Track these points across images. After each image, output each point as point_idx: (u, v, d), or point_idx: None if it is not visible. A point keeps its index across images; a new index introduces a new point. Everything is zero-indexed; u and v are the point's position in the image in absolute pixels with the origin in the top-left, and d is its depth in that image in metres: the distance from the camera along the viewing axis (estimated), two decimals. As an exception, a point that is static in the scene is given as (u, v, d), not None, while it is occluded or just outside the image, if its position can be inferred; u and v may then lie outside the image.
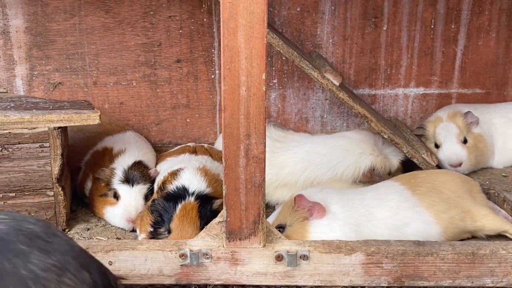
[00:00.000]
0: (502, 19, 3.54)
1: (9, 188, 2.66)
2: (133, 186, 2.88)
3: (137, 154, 3.11)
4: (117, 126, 3.38)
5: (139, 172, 2.94)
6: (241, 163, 2.13)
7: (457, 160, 3.17)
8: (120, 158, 3.04)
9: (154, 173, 3.00)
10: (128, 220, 2.82)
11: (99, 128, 3.22)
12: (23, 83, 3.49)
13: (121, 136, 3.24)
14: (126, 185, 2.88)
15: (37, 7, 3.38)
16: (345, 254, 2.25)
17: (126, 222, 2.82)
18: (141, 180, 2.92)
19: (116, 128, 3.35)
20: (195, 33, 3.48)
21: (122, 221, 2.83)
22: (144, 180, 2.93)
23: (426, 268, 2.27)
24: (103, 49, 3.47)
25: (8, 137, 2.62)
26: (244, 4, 1.97)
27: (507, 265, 2.27)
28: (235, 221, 2.21)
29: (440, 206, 2.55)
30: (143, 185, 2.91)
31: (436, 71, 3.62)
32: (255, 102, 2.07)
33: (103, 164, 3.00)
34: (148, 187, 2.93)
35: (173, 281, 2.29)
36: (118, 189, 2.88)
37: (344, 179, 3.00)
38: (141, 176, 2.93)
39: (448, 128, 3.24)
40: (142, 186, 2.90)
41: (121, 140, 3.19)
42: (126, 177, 2.90)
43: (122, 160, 3.00)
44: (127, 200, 2.86)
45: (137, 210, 2.83)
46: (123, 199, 2.86)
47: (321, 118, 3.67)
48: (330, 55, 3.55)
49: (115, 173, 2.91)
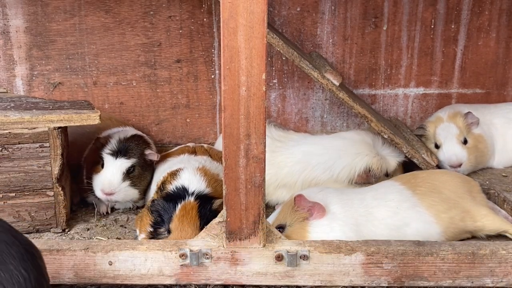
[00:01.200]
0: (502, 19, 3.54)
1: (9, 188, 2.66)
2: (117, 158, 2.88)
3: (137, 132, 3.12)
4: (116, 121, 3.38)
5: (134, 145, 2.90)
6: (241, 163, 2.13)
7: (457, 161, 3.17)
8: (119, 132, 3.06)
9: (150, 154, 2.97)
10: (102, 191, 2.84)
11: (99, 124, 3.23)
12: (23, 83, 3.49)
13: (120, 129, 3.23)
14: (111, 157, 2.88)
15: (37, 7, 3.38)
16: (345, 254, 2.25)
17: (101, 192, 2.85)
18: (129, 154, 2.89)
19: (116, 123, 3.34)
20: (195, 33, 3.48)
21: (98, 191, 2.86)
22: (131, 155, 2.90)
23: (426, 268, 2.27)
24: (103, 49, 3.47)
25: (8, 137, 2.62)
26: (244, 4, 1.97)
27: (507, 265, 2.27)
28: (235, 221, 2.21)
29: (440, 206, 2.55)
30: (127, 159, 2.89)
31: (436, 71, 3.62)
32: (255, 102, 2.07)
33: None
34: (133, 164, 2.90)
35: (173, 281, 2.29)
36: (104, 158, 2.89)
37: (340, 180, 2.99)
38: (134, 149, 2.89)
39: (449, 129, 3.24)
40: (124, 161, 2.89)
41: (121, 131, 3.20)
42: (116, 147, 2.89)
43: (120, 133, 3.01)
44: (105, 172, 2.87)
45: (110, 184, 2.84)
46: (104, 169, 2.87)
47: (321, 118, 3.67)
48: (330, 55, 3.55)
49: (109, 141, 2.91)
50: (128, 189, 2.91)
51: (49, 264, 2.24)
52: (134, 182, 2.93)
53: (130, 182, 2.91)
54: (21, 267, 1.56)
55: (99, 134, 3.16)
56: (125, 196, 2.92)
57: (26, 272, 1.56)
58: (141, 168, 2.96)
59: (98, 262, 2.26)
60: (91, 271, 2.27)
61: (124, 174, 2.90)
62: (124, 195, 2.92)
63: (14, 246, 1.60)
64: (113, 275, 2.28)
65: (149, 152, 2.98)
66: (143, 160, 2.97)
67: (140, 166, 2.96)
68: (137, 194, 2.97)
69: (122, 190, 2.89)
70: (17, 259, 1.57)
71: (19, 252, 1.59)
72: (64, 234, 2.76)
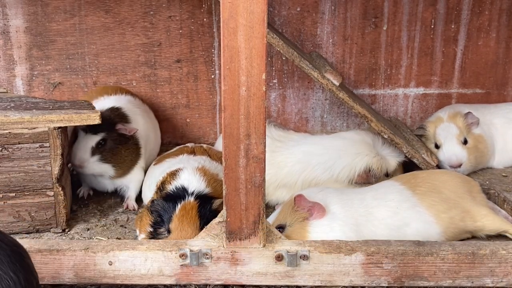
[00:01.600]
0: (502, 19, 3.54)
1: (9, 188, 2.66)
2: (86, 133, 2.92)
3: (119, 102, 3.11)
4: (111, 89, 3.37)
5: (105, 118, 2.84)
6: (241, 163, 2.13)
7: (457, 161, 3.17)
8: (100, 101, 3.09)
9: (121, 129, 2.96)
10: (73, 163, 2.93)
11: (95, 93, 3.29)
12: (23, 83, 3.49)
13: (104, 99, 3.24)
14: (82, 132, 2.93)
15: (37, 7, 3.38)
16: (345, 254, 2.25)
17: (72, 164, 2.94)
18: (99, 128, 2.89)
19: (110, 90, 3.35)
20: (195, 33, 3.48)
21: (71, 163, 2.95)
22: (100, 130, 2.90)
23: (426, 268, 2.27)
24: (103, 49, 3.47)
25: (8, 137, 2.62)
26: (244, 4, 1.97)
27: (507, 265, 2.27)
28: (235, 221, 2.21)
29: (440, 206, 2.55)
30: (94, 134, 2.91)
31: (436, 71, 3.62)
32: (255, 102, 2.07)
33: None
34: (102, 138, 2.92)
35: (173, 281, 2.29)
36: (78, 133, 2.95)
37: (340, 180, 2.99)
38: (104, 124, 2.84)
39: (449, 129, 3.24)
40: (92, 136, 2.91)
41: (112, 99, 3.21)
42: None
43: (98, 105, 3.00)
44: (75, 146, 2.94)
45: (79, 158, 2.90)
46: (76, 143, 2.94)
47: (321, 118, 3.67)
48: (330, 55, 3.55)
49: None
50: (99, 163, 2.95)
51: (49, 264, 2.25)
52: (105, 156, 2.95)
53: (100, 156, 2.94)
54: (10, 269, 1.56)
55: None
56: (96, 169, 2.97)
57: (15, 275, 1.56)
58: (114, 142, 2.96)
59: (98, 262, 2.26)
60: (91, 271, 2.27)
61: (93, 148, 2.92)
62: (95, 169, 2.96)
63: (1, 250, 1.60)
64: (113, 275, 2.28)
65: (119, 127, 2.98)
66: (116, 134, 2.97)
67: (112, 140, 2.96)
68: (111, 169, 3.00)
69: (91, 164, 2.93)
70: (5, 262, 1.57)
71: (6, 255, 1.59)
72: (64, 234, 2.76)
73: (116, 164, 3.00)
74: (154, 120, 3.44)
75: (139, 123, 3.15)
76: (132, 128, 3.02)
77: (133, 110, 3.19)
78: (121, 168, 3.03)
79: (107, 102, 3.16)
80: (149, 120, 3.35)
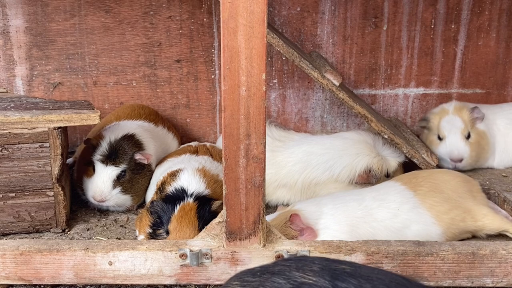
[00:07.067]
0: (502, 19, 3.54)
1: (9, 188, 2.66)
2: (107, 166, 2.89)
3: (132, 128, 3.07)
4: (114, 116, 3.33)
5: (123, 149, 2.88)
6: (241, 163, 2.13)
7: (458, 156, 3.16)
8: (111, 128, 3.04)
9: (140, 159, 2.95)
10: (93, 198, 2.90)
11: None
12: (23, 83, 3.49)
13: (114, 124, 3.17)
14: (101, 164, 2.89)
15: (37, 7, 3.38)
16: (345, 254, 2.25)
17: (92, 198, 2.91)
18: (119, 160, 2.89)
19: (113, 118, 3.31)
20: (195, 33, 3.48)
21: (90, 197, 2.92)
22: (121, 161, 2.89)
23: (426, 268, 2.27)
24: (103, 49, 3.47)
25: (8, 137, 2.61)
26: (244, 4, 1.97)
27: (507, 265, 2.27)
28: (235, 221, 2.21)
29: (442, 207, 2.55)
30: (116, 167, 2.89)
31: (436, 71, 3.62)
32: (255, 102, 2.07)
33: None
34: (122, 170, 2.90)
35: (173, 281, 2.29)
36: (96, 164, 2.91)
37: (340, 180, 2.98)
38: (124, 154, 2.87)
39: (454, 122, 3.21)
40: (114, 168, 2.89)
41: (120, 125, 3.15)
42: (107, 153, 2.88)
43: (111, 133, 2.97)
44: (96, 179, 2.89)
45: (101, 192, 2.87)
46: (95, 176, 2.90)
47: (321, 118, 3.67)
48: (330, 55, 3.55)
49: (100, 144, 2.91)
50: (120, 196, 2.92)
51: (49, 264, 2.25)
52: (125, 188, 2.92)
53: (121, 188, 2.90)
54: None
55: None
56: (116, 202, 2.94)
57: None
58: (132, 172, 2.94)
59: (98, 262, 2.26)
60: (91, 271, 2.27)
61: (115, 180, 2.89)
62: (116, 202, 2.93)
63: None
64: (113, 275, 2.28)
65: (139, 157, 2.95)
66: (133, 163, 2.95)
67: (131, 170, 2.94)
68: (130, 199, 2.97)
69: (113, 197, 2.90)
70: None
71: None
72: (64, 234, 2.76)
73: (134, 194, 2.97)
74: (161, 131, 3.37)
75: (151, 147, 3.12)
76: (149, 155, 3.00)
77: (144, 134, 3.13)
78: (138, 196, 3.02)
79: (123, 127, 3.09)
80: (156, 137, 3.26)
